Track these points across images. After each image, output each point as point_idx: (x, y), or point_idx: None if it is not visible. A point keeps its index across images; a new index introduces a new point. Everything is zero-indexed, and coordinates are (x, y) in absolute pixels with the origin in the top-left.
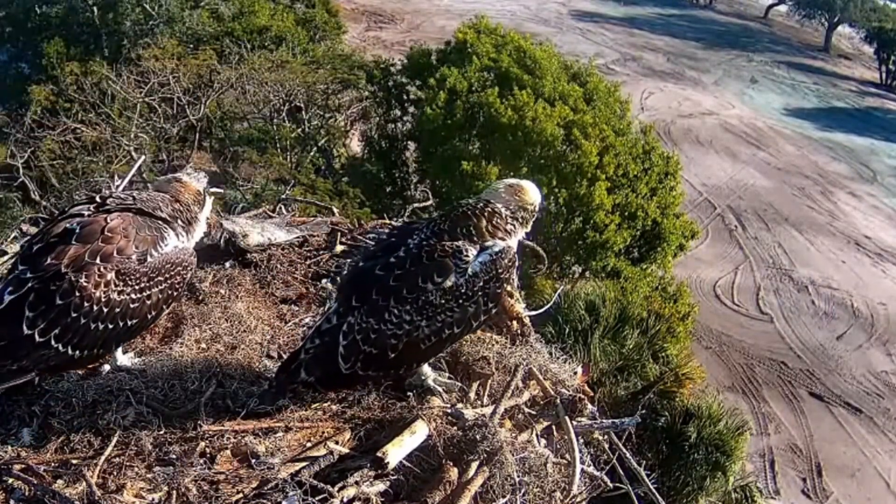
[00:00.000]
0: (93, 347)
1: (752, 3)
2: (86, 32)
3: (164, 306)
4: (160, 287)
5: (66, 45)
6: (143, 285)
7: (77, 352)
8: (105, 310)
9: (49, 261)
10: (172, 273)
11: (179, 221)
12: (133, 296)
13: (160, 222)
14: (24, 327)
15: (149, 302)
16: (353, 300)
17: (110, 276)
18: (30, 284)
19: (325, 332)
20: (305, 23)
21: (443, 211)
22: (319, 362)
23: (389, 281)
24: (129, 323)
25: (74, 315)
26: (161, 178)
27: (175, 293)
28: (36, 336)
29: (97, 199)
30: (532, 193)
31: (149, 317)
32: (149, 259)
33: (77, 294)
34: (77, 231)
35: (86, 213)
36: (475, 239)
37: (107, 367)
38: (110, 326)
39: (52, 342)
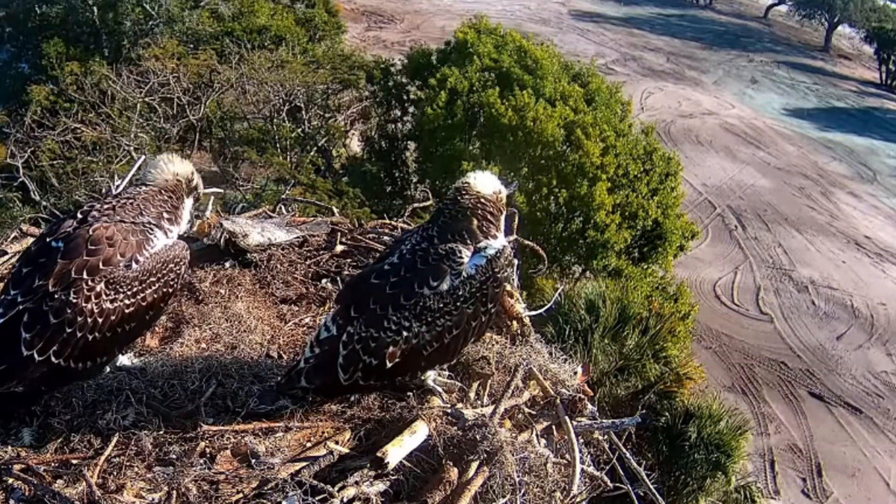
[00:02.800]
0: (95, 357)
1: (752, 3)
2: (86, 32)
3: (162, 304)
4: (154, 287)
5: (66, 45)
6: (135, 289)
7: (80, 364)
8: (100, 320)
9: (37, 282)
10: (164, 272)
11: (165, 215)
12: (127, 301)
13: (144, 224)
14: (23, 348)
15: (144, 304)
16: (351, 310)
17: (99, 287)
18: (20, 307)
19: (323, 341)
20: (305, 23)
21: (433, 213)
22: (319, 372)
23: (386, 289)
24: (128, 327)
25: (70, 330)
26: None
27: (170, 290)
28: (36, 356)
29: (78, 214)
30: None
31: (147, 317)
32: (135, 265)
33: (69, 311)
34: (61, 248)
35: (69, 229)
36: (468, 241)
37: (107, 368)
38: (108, 335)
39: (53, 359)
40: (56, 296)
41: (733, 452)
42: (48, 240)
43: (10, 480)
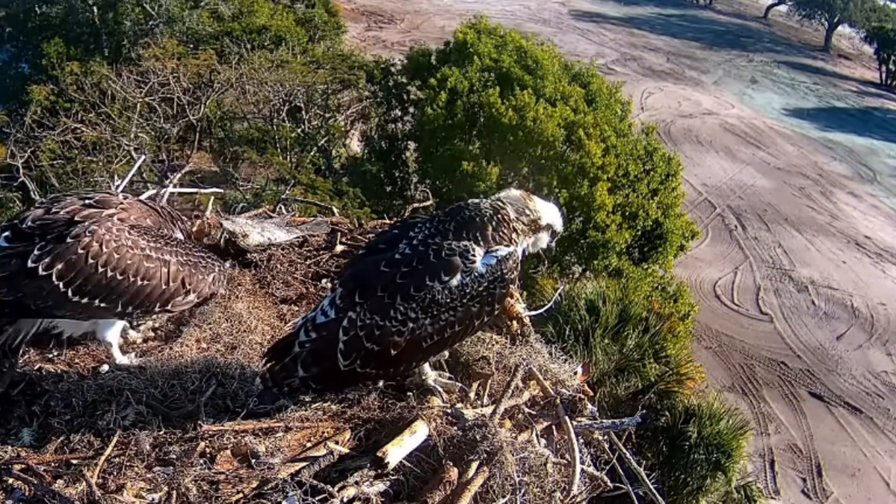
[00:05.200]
0: (94, 297)
1: (752, 3)
2: (86, 32)
3: (188, 285)
4: (180, 258)
5: (66, 45)
6: (159, 255)
7: (77, 297)
8: (116, 257)
9: (62, 213)
10: (196, 254)
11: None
12: (150, 254)
13: (168, 221)
14: (30, 262)
15: (165, 269)
16: (356, 295)
17: (122, 228)
18: (37, 226)
19: (321, 325)
20: (305, 23)
21: (448, 210)
22: (317, 357)
23: (396, 278)
24: (139, 283)
25: (82, 252)
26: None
27: (201, 276)
28: (40, 270)
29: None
30: (540, 205)
31: (165, 287)
32: (165, 231)
33: (86, 237)
34: (93, 199)
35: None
36: (480, 243)
37: (106, 367)
38: (119, 278)
39: (54, 279)
40: (83, 224)
41: (733, 452)
42: (84, 196)
43: (10, 480)
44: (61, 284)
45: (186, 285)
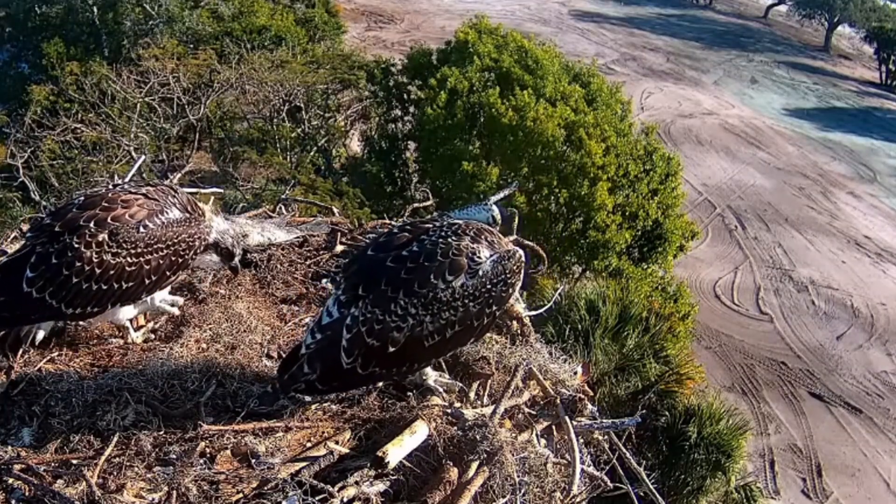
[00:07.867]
0: (86, 306)
1: (752, 3)
2: (86, 32)
3: (169, 272)
4: (161, 253)
5: (66, 45)
6: (139, 250)
7: (70, 309)
8: (98, 271)
9: (48, 221)
10: (176, 241)
11: (191, 207)
12: (129, 259)
13: (166, 202)
14: (24, 285)
15: (147, 267)
16: (359, 289)
17: (102, 237)
18: (30, 245)
19: (326, 326)
20: (305, 23)
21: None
22: (321, 356)
23: (401, 273)
24: (125, 286)
25: (66, 273)
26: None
27: (180, 260)
28: (34, 294)
29: (111, 184)
30: None
31: (147, 281)
32: (142, 228)
33: (69, 254)
34: (81, 200)
35: (96, 190)
36: (495, 247)
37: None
38: (104, 287)
39: (48, 299)
40: (61, 238)
41: (733, 452)
42: (74, 198)
43: (10, 480)
44: (54, 302)
45: (167, 272)
